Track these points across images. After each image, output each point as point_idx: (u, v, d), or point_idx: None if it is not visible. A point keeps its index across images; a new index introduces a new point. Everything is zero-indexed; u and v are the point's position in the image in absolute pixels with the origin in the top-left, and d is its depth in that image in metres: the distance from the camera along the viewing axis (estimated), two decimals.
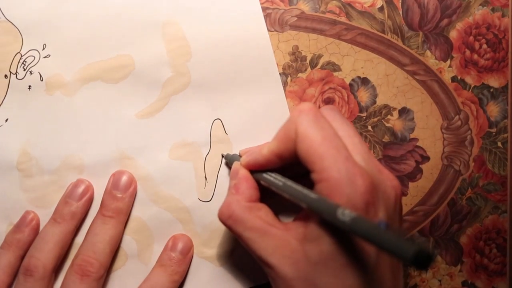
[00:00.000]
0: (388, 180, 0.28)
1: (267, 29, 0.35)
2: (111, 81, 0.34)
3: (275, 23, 0.35)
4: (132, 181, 0.34)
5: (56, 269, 0.33)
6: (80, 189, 0.34)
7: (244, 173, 0.31)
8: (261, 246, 0.27)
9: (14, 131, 0.34)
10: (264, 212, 0.29)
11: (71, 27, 0.34)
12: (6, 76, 0.34)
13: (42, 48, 0.34)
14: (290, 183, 0.28)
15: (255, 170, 0.31)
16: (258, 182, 0.31)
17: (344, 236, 0.25)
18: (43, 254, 0.32)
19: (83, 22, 0.34)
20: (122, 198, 0.33)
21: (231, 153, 0.35)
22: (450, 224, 0.37)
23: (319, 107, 0.36)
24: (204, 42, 0.34)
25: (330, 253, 0.25)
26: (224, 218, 0.29)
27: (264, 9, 0.35)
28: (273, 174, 0.29)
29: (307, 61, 0.35)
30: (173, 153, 0.35)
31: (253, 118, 0.35)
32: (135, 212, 0.35)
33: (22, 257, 0.33)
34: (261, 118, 0.35)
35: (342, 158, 0.26)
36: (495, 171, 0.37)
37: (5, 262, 0.33)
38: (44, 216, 0.34)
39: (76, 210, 0.33)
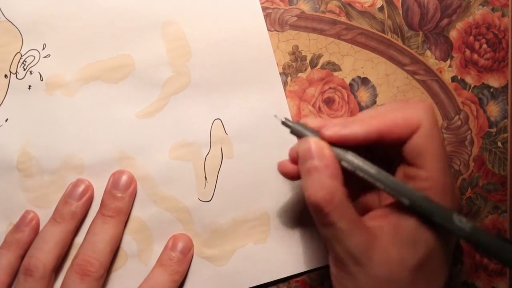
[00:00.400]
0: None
1: (267, 28, 0.35)
2: (111, 81, 0.34)
3: (275, 22, 0.35)
4: (132, 181, 0.34)
5: (56, 269, 0.33)
6: (80, 188, 0.34)
7: (332, 154, 0.27)
8: (353, 240, 0.26)
9: (14, 131, 0.34)
10: (353, 205, 0.27)
11: (71, 27, 0.34)
12: (6, 76, 0.34)
13: (42, 48, 0.34)
14: (384, 172, 0.26)
15: (338, 145, 0.27)
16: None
17: (438, 239, 0.26)
18: (43, 254, 0.32)
19: (83, 22, 0.34)
20: (122, 198, 0.33)
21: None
22: None
23: (319, 108, 0.36)
24: (204, 42, 0.34)
25: (424, 259, 0.26)
26: (324, 203, 0.26)
27: (264, 8, 0.35)
28: (360, 158, 0.27)
29: (307, 61, 0.35)
30: (173, 153, 0.35)
31: (253, 118, 0.35)
32: (135, 212, 0.35)
33: (22, 257, 0.33)
34: (261, 118, 0.35)
35: (448, 166, 0.27)
36: (495, 171, 0.37)
37: (5, 262, 0.33)
38: (44, 216, 0.34)
39: (76, 210, 0.33)
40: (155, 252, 0.35)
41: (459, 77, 0.36)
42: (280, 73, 0.35)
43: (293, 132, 0.28)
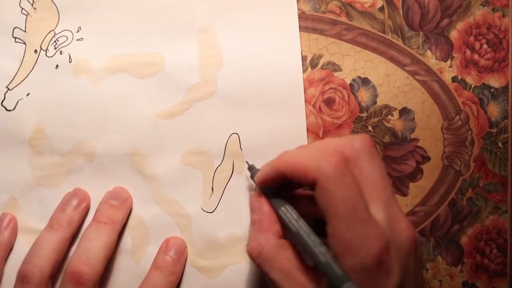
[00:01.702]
0: (405, 231, 0.28)
1: None
2: (138, 76, 0.34)
3: None
4: (129, 196, 0.34)
5: (53, 277, 0.33)
6: (77, 197, 0.34)
7: (266, 206, 0.31)
8: None
9: (33, 106, 0.34)
10: (290, 253, 0.29)
11: (109, 15, 0.34)
12: (36, 51, 0.34)
13: (76, 31, 0.34)
14: (303, 231, 0.28)
15: (270, 193, 0.31)
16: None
17: None
18: (40, 261, 0.31)
19: (121, 12, 0.34)
20: (118, 208, 0.33)
21: (253, 167, 0.34)
22: (450, 225, 0.37)
23: (319, 108, 0.36)
24: (237, 55, 0.34)
25: None
26: (254, 256, 0.29)
27: None
28: (289, 213, 0.29)
29: (308, 61, 0.35)
30: (185, 159, 0.35)
31: (270, 139, 0.34)
32: (136, 210, 0.35)
33: (5, 259, 0.33)
34: (277, 141, 0.34)
35: (358, 220, 0.26)
36: (495, 171, 0.37)
37: None
38: (45, 195, 0.34)
39: (72, 217, 0.33)
40: (149, 252, 0.34)
41: (459, 78, 0.36)
42: None
43: (252, 177, 0.33)
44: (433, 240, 0.37)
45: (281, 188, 0.31)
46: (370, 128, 0.36)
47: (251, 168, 0.33)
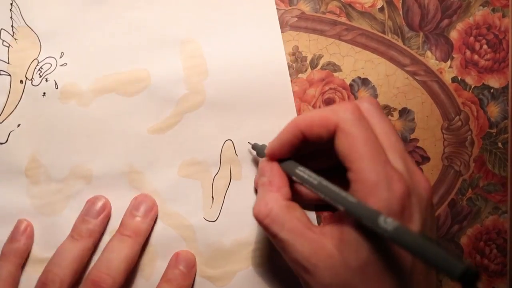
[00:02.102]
0: (422, 181, 0.28)
1: None
2: (126, 94, 0.34)
3: None
4: (154, 205, 0.34)
5: (73, 286, 0.32)
6: (97, 206, 0.34)
7: (277, 168, 0.30)
8: (297, 249, 0.27)
9: (25, 137, 0.34)
10: (299, 213, 0.28)
11: (90, 37, 0.34)
12: (21, 81, 0.34)
13: (59, 56, 0.34)
14: (325, 182, 0.27)
15: (283, 158, 0.30)
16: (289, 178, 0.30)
17: (382, 242, 0.25)
18: (61, 269, 0.31)
19: (102, 33, 0.34)
20: (142, 220, 0.33)
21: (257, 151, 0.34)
22: (450, 225, 0.37)
23: (320, 105, 0.36)
24: (221, 63, 0.34)
25: (368, 259, 0.25)
26: (262, 217, 0.28)
27: None
28: (306, 171, 0.29)
29: (308, 62, 0.35)
30: (182, 171, 0.35)
31: (264, 142, 0.34)
32: None
33: (22, 266, 0.33)
34: None
35: (381, 161, 0.26)
36: (495, 172, 0.37)
37: (5, 273, 0.32)
38: (47, 224, 0.34)
39: (94, 228, 0.33)
40: (158, 267, 0.34)
41: (459, 78, 0.36)
42: None
43: (258, 153, 0.33)
44: None
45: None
46: None
47: (255, 147, 0.33)
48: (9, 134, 0.34)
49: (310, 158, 0.31)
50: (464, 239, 0.37)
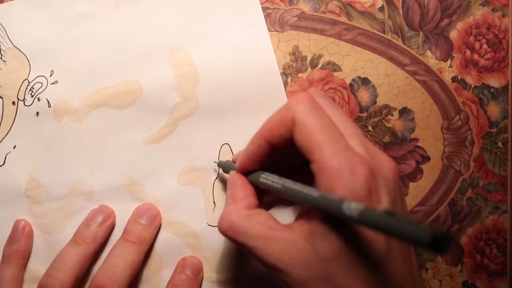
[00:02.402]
0: (385, 162, 0.27)
1: (267, 28, 0.35)
2: (119, 107, 0.34)
3: (275, 23, 0.35)
4: (157, 214, 0.34)
5: None
6: (103, 214, 0.34)
7: (240, 181, 0.30)
8: (267, 253, 0.26)
9: (22, 157, 0.34)
10: (264, 217, 0.28)
11: (78, 53, 0.34)
12: (14, 102, 0.34)
13: (49, 75, 0.34)
14: (289, 184, 0.27)
15: (251, 171, 0.30)
16: (256, 187, 0.30)
17: (353, 229, 0.25)
18: (62, 274, 0.31)
19: (90, 48, 0.34)
20: (146, 227, 0.33)
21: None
22: (450, 224, 0.37)
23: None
24: (212, 68, 0.34)
25: (341, 248, 0.25)
26: (224, 229, 0.28)
27: (264, 9, 0.35)
28: (270, 177, 0.29)
29: (308, 61, 0.35)
30: (181, 178, 0.35)
31: None
32: None
33: (24, 266, 0.33)
34: None
35: (341, 147, 0.25)
36: (495, 171, 0.37)
37: (9, 276, 0.32)
38: (52, 242, 0.34)
39: (97, 233, 0.33)
40: (164, 277, 0.34)
41: (459, 77, 0.36)
42: (280, 74, 0.35)
43: (224, 170, 0.33)
44: None
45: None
46: (370, 128, 0.36)
47: (220, 164, 0.33)
48: (5, 156, 0.34)
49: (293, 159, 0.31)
50: (464, 238, 0.37)
